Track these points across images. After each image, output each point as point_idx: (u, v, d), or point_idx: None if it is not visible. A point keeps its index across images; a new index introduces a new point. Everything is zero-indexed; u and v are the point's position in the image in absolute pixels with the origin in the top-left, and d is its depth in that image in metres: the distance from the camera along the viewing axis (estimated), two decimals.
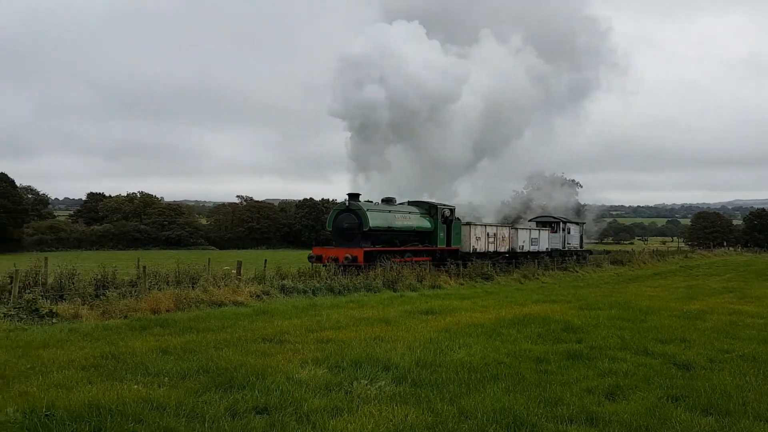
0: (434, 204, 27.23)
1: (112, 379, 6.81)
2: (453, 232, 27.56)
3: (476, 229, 29.44)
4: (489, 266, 27.15)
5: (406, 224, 25.02)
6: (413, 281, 20.61)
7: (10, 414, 5.38)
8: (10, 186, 70.70)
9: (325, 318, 12.15)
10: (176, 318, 11.72)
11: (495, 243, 30.60)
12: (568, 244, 39.05)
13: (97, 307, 12.53)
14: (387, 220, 23.96)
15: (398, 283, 19.85)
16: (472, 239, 28.76)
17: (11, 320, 10.98)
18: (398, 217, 24.68)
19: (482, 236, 29.69)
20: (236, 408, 5.89)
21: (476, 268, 26.01)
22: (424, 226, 26.22)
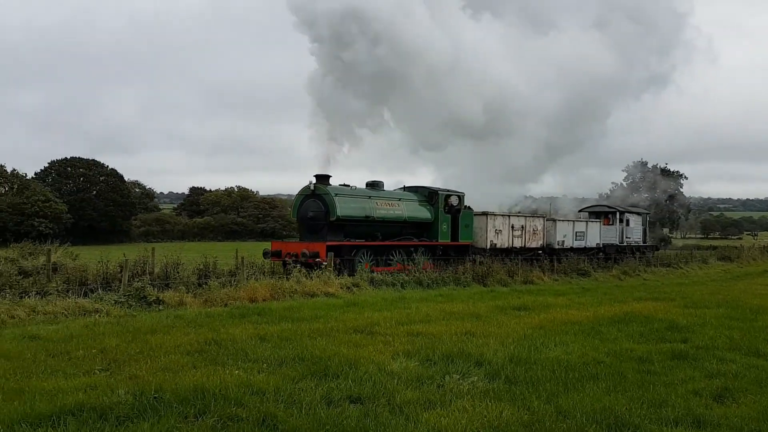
0: (434, 190, 22.55)
1: (214, 364, 7.10)
2: (461, 223, 22.87)
3: (495, 221, 24.68)
4: (585, 262, 25.57)
5: (392, 213, 20.46)
6: (504, 276, 20.24)
7: (121, 395, 5.71)
8: (119, 181, 75.57)
9: (415, 311, 12.17)
10: (272, 307, 12.11)
11: (523, 237, 25.87)
12: (627, 239, 33.14)
13: (200, 296, 13.16)
14: (364, 208, 19.52)
15: (488, 278, 19.57)
16: (489, 233, 24.13)
17: (121, 307, 11.72)
18: (381, 204, 20.18)
19: (504, 229, 25.05)
20: (331, 396, 5.99)
21: (571, 264, 24.76)
22: (419, 216, 21.68)
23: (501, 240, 24.76)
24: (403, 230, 21.30)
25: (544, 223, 27.40)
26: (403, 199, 21.42)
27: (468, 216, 23.33)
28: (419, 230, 21.99)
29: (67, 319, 10.51)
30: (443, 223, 22.15)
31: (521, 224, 26.00)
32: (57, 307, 11.06)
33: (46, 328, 9.38)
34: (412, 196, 22.14)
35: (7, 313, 10.30)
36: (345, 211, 18.67)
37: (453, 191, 23.36)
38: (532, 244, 26.45)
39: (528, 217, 26.92)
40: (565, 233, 28.43)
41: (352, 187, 19.93)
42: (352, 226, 19.31)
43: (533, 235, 26.57)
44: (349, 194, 19.45)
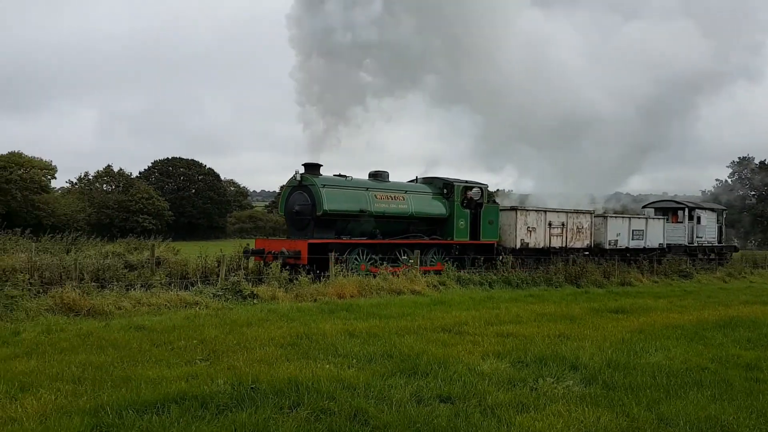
0: (449, 181, 19.69)
1: (306, 358, 7.25)
2: (483, 220, 19.89)
3: (528, 217, 21.62)
4: (687, 263, 23.82)
5: (394, 208, 18.03)
6: (599, 277, 19.48)
7: (221, 385, 5.93)
8: (216, 180, 79.10)
9: (504, 311, 11.93)
10: (360, 303, 12.24)
11: (564, 236, 22.74)
12: (698, 238, 29.07)
13: (291, 291, 13.51)
14: (357, 201, 17.15)
15: (582, 278, 18.91)
16: (519, 230, 21.16)
17: (219, 300, 12.22)
18: (380, 197, 17.75)
19: (539, 226, 21.88)
20: (421, 394, 5.95)
21: (672, 265, 23.30)
22: (430, 211, 19.01)
23: (535, 239, 21.70)
24: (411, 227, 18.82)
25: (591, 220, 23.95)
26: (410, 191, 18.83)
27: (492, 211, 20.38)
28: (431, 227, 19.40)
29: (170, 310, 11.06)
30: (460, 219, 19.40)
31: (561, 221, 22.69)
32: (160, 299, 11.67)
33: (151, 319, 9.91)
34: (425, 189, 19.51)
35: (114, 305, 10.96)
36: (334, 204, 16.47)
37: (473, 182, 20.35)
38: (576, 243, 23.18)
39: (570, 212, 23.46)
40: (619, 231, 24.99)
41: (347, 178, 17.55)
42: (344, 221, 17.10)
43: (577, 234, 23.30)
44: (341, 186, 17.07)
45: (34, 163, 58.69)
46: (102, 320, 9.85)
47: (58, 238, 17.96)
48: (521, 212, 21.46)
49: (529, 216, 21.69)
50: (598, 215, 24.81)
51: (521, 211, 21.51)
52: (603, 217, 24.80)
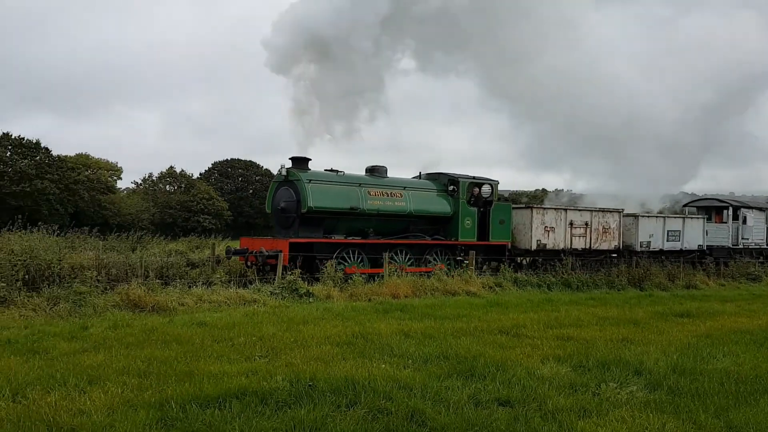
0: (454, 177, 18.22)
1: (362, 357, 7.27)
2: (493, 219, 18.38)
3: (545, 216, 19.78)
4: (756, 266, 22.53)
5: (390, 205, 16.76)
6: (663, 280, 18.82)
7: (279, 382, 6.01)
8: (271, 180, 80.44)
9: (564, 314, 11.67)
10: (414, 304, 12.21)
11: (588, 236, 20.85)
12: (743, 240, 26.31)
13: (346, 290, 13.61)
14: (348, 197, 15.98)
15: (645, 281, 18.31)
16: (536, 230, 19.40)
17: (276, 298, 12.42)
18: (375, 193, 16.51)
19: (559, 226, 20.00)
20: (479, 397, 5.88)
21: (740, 268, 22.20)
22: (431, 209, 17.64)
23: (554, 239, 19.84)
24: (411, 226, 17.51)
25: (620, 220, 21.97)
26: (409, 188, 17.40)
27: (503, 210, 18.82)
28: (434, 226, 18.07)
29: (229, 307, 11.31)
30: (466, 217, 17.94)
31: (584, 220, 20.79)
32: (220, 297, 11.95)
33: (212, 316, 10.15)
34: (427, 185, 18.09)
35: (177, 301, 11.29)
36: (320, 201, 15.40)
37: (482, 179, 18.86)
38: (602, 245, 21.20)
39: (595, 211, 21.52)
40: (652, 232, 22.87)
41: (339, 173, 16.55)
42: (333, 220, 16.06)
43: (604, 234, 21.30)
44: (329, 181, 16.02)
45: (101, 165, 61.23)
46: (166, 316, 10.15)
47: (124, 236, 18.61)
48: (537, 211, 19.79)
49: (547, 215, 19.88)
50: (629, 214, 22.91)
51: (537, 210, 19.87)
52: (634, 216, 22.72)
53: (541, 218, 19.64)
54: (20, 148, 46.58)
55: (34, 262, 10.94)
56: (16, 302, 10.07)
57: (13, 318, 9.40)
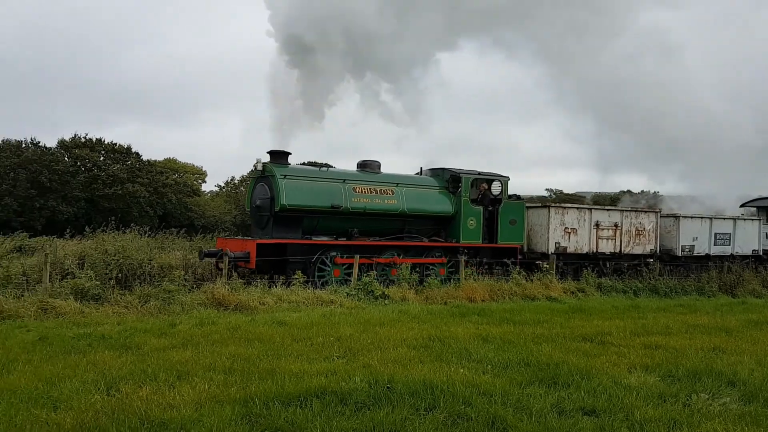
0: (456, 172, 16.69)
1: (440, 361, 7.21)
2: (502, 219, 16.86)
3: (566, 216, 17.89)
4: None
5: (379, 204, 15.41)
6: (757, 286, 17.71)
7: (358, 383, 6.04)
8: None
9: (651, 321, 11.15)
10: (491, 308, 12.01)
11: (618, 239, 18.90)
12: None
13: (421, 293, 13.57)
14: (329, 195, 14.73)
15: (738, 287, 17.28)
16: (554, 232, 17.62)
17: (352, 299, 12.55)
18: (360, 191, 15.23)
19: (582, 227, 18.14)
20: (562, 406, 5.69)
21: None
22: (428, 208, 16.18)
23: (576, 242, 18.03)
24: (406, 226, 16.20)
25: (657, 221, 19.86)
26: (402, 185, 15.96)
27: (514, 209, 17.13)
28: (434, 227, 16.70)
29: (307, 307, 11.51)
30: (469, 217, 16.43)
31: (613, 221, 18.80)
32: (299, 297, 12.19)
33: (291, 315, 10.36)
34: (427, 182, 16.66)
35: (259, 300, 11.60)
36: (296, 198, 14.23)
37: (489, 174, 17.21)
38: (635, 248, 19.22)
39: (627, 211, 19.57)
40: (696, 235, 20.63)
41: (322, 168, 15.54)
42: (313, 219, 14.86)
43: (637, 237, 19.30)
44: (308, 177, 14.79)
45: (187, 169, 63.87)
46: (248, 315, 10.44)
47: (209, 237, 19.37)
48: (556, 210, 17.91)
49: (568, 215, 18.00)
50: (668, 215, 20.95)
51: (556, 209, 17.97)
52: (674, 217, 20.63)
53: (561, 218, 17.85)
54: (113, 153, 49.34)
55: (126, 261, 11.52)
56: (110, 300, 10.65)
57: (107, 315, 9.93)
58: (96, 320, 9.44)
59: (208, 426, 4.76)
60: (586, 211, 18.49)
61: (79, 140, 49.05)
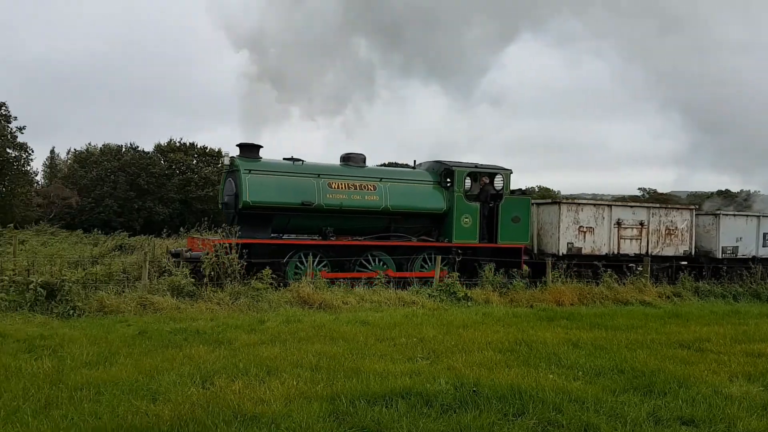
0: (449, 166, 15.17)
1: (527, 366, 7.03)
2: (503, 216, 15.25)
3: (580, 213, 16.41)
4: None
5: (359, 200, 14.19)
6: None
7: (443, 385, 5.98)
8: None
9: (753, 328, 10.46)
10: (581, 312, 11.63)
11: (645, 239, 17.12)
12: None
13: (506, 295, 13.32)
14: (299, 190, 13.68)
15: None
16: (565, 230, 16.15)
17: (434, 300, 12.48)
18: (336, 186, 14.02)
19: (600, 225, 16.55)
20: (659, 414, 5.41)
21: None
22: (417, 204, 14.79)
23: (592, 242, 16.47)
24: (392, 225, 14.88)
25: (692, 219, 17.90)
26: (387, 179, 14.59)
27: (518, 205, 15.47)
28: (426, 225, 15.33)
29: (389, 308, 11.54)
30: (464, 214, 14.92)
31: (638, 219, 17.05)
32: (381, 297, 12.25)
33: (373, 315, 10.42)
34: (418, 177, 15.23)
35: (342, 300, 11.76)
36: (261, 195, 13.28)
37: (487, 167, 15.72)
38: (665, 250, 17.41)
39: (655, 208, 17.74)
40: (740, 235, 18.49)
41: (297, 162, 14.19)
42: (284, 217, 13.85)
43: (668, 237, 17.45)
44: (277, 172, 13.73)
45: None
46: (331, 314, 10.61)
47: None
48: (568, 207, 16.35)
49: (582, 212, 16.43)
50: (705, 213, 19.09)
51: (568, 206, 16.38)
52: (713, 215, 18.60)
53: (574, 216, 16.34)
54: (204, 157, 51.67)
55: (219, 260, 11.97)
56: (203, 297, 11.11)
57: (201, 311, 10.35)
58: (191, 316, 9.86)
59: (297, 422, 4.85)
60: (604, 208, 16.88)
61: (174, 144, 51.69)
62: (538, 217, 16.80)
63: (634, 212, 17.26)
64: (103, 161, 46.87)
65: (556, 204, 16.56)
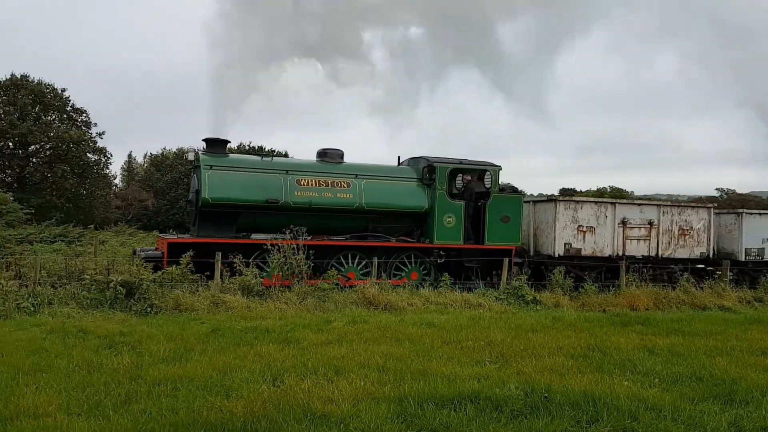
0: (431, 163, 14.32)
1: (600, 372, 6.81)
2: (491, 215, 14.34)
3: (579, 211, 15.31)
4: None
5: (330, 198, 13.55)
6: None
7: (512, 390, 5.87)
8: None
9: None
10: (657, 317, 11.19)
11: (655, 240, 15.85)
12: None
13: (576, 299, 12.98)
14: (265, 187, 13.11)
15: None
16: (561, 231, 15.08)
17: (501, 303, 12.30)
18: (306, 182, 13.40)
19: (602, 225, 15.41)
20: (741, 425, 5.15)
21: None
22: (395, 202, 14.07)
23: (593, 243, 15.36)
24: (370, 224, 14.19)
25: (710, 218, 16.53)
26: (363, 176, 13.92)
27: (507, 203, 14.52)
28: (406, 225, 14.57)
29: (455, 310, 11.45)
30: (446, 213, 14.07)
31: (647, 218, 15.86)
32: (446, 299, 12.18)
33: (439, 317, 10.36)
34: (399, 174, 14.48)
35: (407, 301, 11.76)
36: (222, 192, 12.72)
37: (472, 163, 14.84)
38: (678, 251, 16.13)
39: (666, 206, 16.40)
40: (766, 236, 17.08)
41: (266, 159, 13.65)
42: (249, 215, 13.27)
43: (681, 237, 16.20)
44: (241, 168, 13.18)
45: None
46: (397, 315, 10.61)
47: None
48: (566, 205, 15.25)
49: (582, 210, 15.33)
50: (726, 212, 17.71)
51: (566, 204, 15.29)
52: (735, 214, 17.22)
53: (572, 214, 15.22)
54: None
55: (287, 261, 12.21)
56: (272, 296, 11.35)
57: (270, 310, 10.58)
58: (260, 315, 10.09)
59: (366, 422, 4.87)
60: (607, 206, 15.71)
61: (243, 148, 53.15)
62: (535, 216, 15.90)
63: (642, 211, 16.05)
64: (177, 165, 48.63)
65: (552, 202, 15.54)
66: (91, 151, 41.02)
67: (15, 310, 9.60)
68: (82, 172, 40.03)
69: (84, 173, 40.23)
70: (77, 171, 39.58)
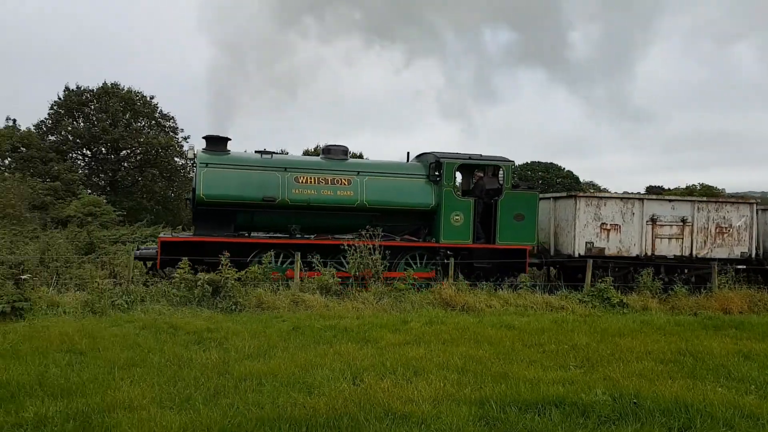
0: (439, 158, 13.60)
1: (692, 378, 6.48)
2: (503, 213, 13.61)
3: (601, 208, 14.29)
4: None
5: (329, 196, 13.12)
6: None
7: (599, 395, 5.67)
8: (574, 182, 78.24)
9: None
10: (752, 321, 10.57)
11: (686, 238, 14.63)
12: None
13: (666, 302, 12.42)
14: (262, 185, 12.80)
15: None
16: (582, 229, 14.10)
17: (585, 306, 11.91)
18: (305, 180, 13.00)
19: (629, 222, 14.35)
20: None
21: None
22: (400, 200, 13.50)
23: (619, 242, 14.36)
24: (372, 222, 13.44)
25: (752, 215, 15.19)
26: (365, 173, 13.43)
27: (521, 201, 13.77)
28: (414, 223, 13.98)
29: (536, 312, 11.19)
30: (454, 211, 13.45)
31: (680, 215, 14.72)
32: (526, 301, 11.93)
33: (519, 320, 10.15)
34: (405, 170, 13.90)
35: (485, 303, 11.60)
36: (217, 189, 12.54)
37: (482, 158, 14.08)
38: (715, 251, 14.90)
39: (702, 202, 15.16)
40: None
41: (266, 157, 13.25)
42: (246, 214, 13.05)
43: (719, 236, 14.96)
44: (237, 165, 12.88)
45: None
46: (475, 316, 10.49)
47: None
48: (587, 201, 14.23)
49: (605, 207, 14.35)
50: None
51: (588, 200, 14.27)
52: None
53: (594, 212, 14.27)
54: None
55: (363, 261, 12.34)
56: (349, 296, 11.49)
57: (347, 309, 10.71)
58: (338, 314, 10.23)
59: (447, 423, 4.83)
60: (634, 203, 14.61)
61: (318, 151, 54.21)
62: (555, 213, 14.97)
63: (673, 207, 14.89)
64: None
65: (571, 198, 14.56)
66: (178, 155, 42.93)
67: (110, 307, 10.14)
68: (170, 176, 41.94)
69: (172, 177, 42.13)
70: (165, 175, 41.51)
